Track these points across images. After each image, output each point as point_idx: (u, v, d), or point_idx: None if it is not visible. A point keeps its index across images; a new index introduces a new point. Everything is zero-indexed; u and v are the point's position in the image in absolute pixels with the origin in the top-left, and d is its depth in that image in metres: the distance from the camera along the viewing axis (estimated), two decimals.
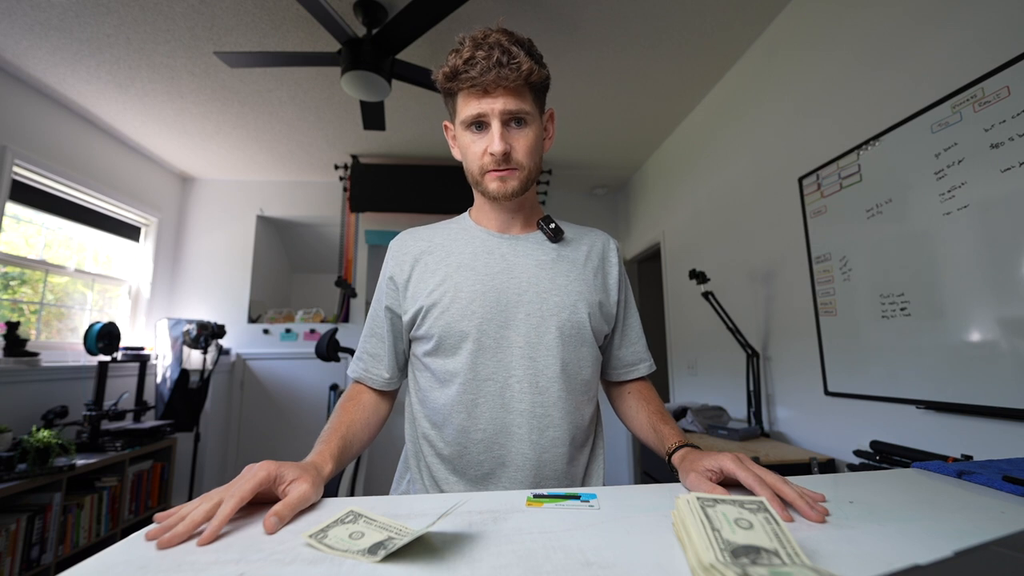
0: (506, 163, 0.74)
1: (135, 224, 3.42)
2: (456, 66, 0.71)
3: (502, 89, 0.71)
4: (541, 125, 0.78)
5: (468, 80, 0.70)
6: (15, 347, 2.33)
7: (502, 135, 0.72)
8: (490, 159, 0.74)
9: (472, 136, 0.75)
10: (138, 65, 2.37)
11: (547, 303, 0.77)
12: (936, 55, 1.39)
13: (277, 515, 0.49)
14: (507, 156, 0.73)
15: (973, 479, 0.60)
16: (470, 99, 0.73)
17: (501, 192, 0.76)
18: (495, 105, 0.71)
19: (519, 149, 0.74)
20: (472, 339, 0.75)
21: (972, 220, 1.26)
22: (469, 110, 0.73)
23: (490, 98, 0.71)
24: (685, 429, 2.15)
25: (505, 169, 0.74)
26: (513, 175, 0.75)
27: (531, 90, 0.74)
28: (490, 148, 0.73)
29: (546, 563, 0.40)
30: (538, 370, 0.75)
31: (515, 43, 0.72)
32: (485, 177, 0.76)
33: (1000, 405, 1.19)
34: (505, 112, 0.72)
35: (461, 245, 0.82)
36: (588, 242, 0.86)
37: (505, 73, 0.69)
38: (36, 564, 1.92)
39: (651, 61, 2.38)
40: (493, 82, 0.70)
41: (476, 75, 0.69)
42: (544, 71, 0.75)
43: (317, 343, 2.43)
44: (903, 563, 0.27)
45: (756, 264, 2.25)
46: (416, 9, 1.76)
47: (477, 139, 0.75)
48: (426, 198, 3.56)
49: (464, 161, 0.79)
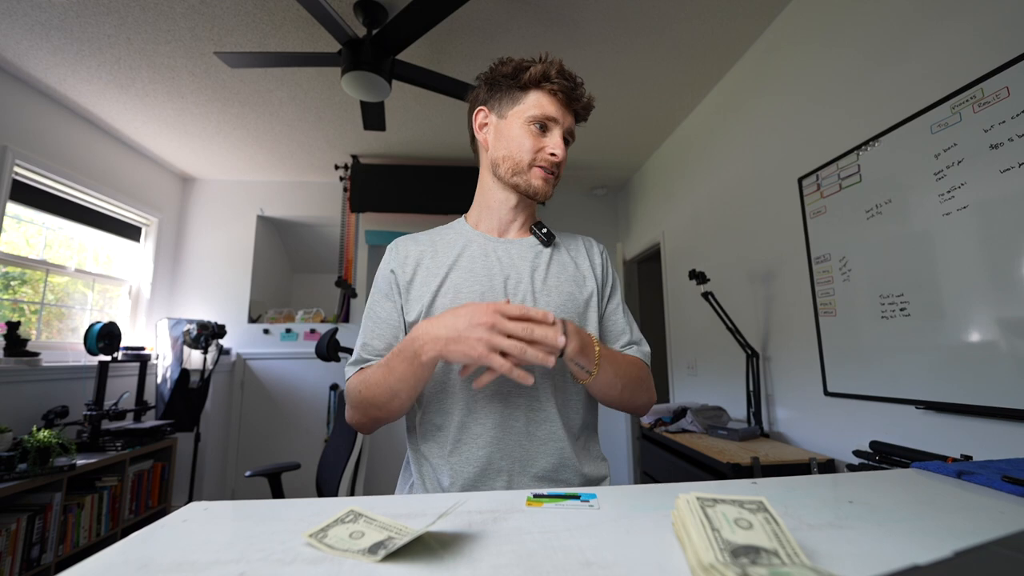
0: (556, 168, 0.82)
1: (136, 224, 3.42)
2: (548, 72, 0.79)
3: (572, 109, 0.82)
4: None
5: (558, 84, 0.79)
6: (16, 347, 2.33)
7: (562, 145, 0.81)
8: (547, 160, 0.81)
9: (532, 132, 0.81)
10: (139, 65, 2.37)
11: (540, 303, 0.80)
12: (936, 55, 1.39)
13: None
14: (559, 164, 0.82)
15: (972, 479, 0.60)
16: (549, 101, 0.80)
17: (543, 191, 0.83)
18: (567, 118, 0.81)
19: (564, 161, 0.83)
20: None
21: (972, 221, 1.26)
22: (544, 109, 0.80)
23: (565, 110, 0.81)
24: (685, 429, 2.15)
25: (552, 173, 0.82)
26: (552, 180, 0.83)
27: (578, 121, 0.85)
28: (552, 149, 0.80)
29: (546, 563, 0.40)
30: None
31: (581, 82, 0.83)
32: (532, 171, 0.81)
33: (1000, 405, 1.19)
34: (569, 128, 0.82)
35: (458, 248, 0.85)
36: (576, 246, 0.91)
37: (581, 93, 0.81)
38: (36, 564, 1.93)
39: (651, 61, 2.38)
40: (575, 98, 0.81)
41: (557, 86, 0.79)
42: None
43: (317, 343, 2.43)
44: (902, 563, 0.27)
45: (756, 264, 2.25)
46: (416, 9, 1.76)
47: (536, 137, 0.81)
48: (426, 198, 3.56)
49: (508, 149, 0.82)
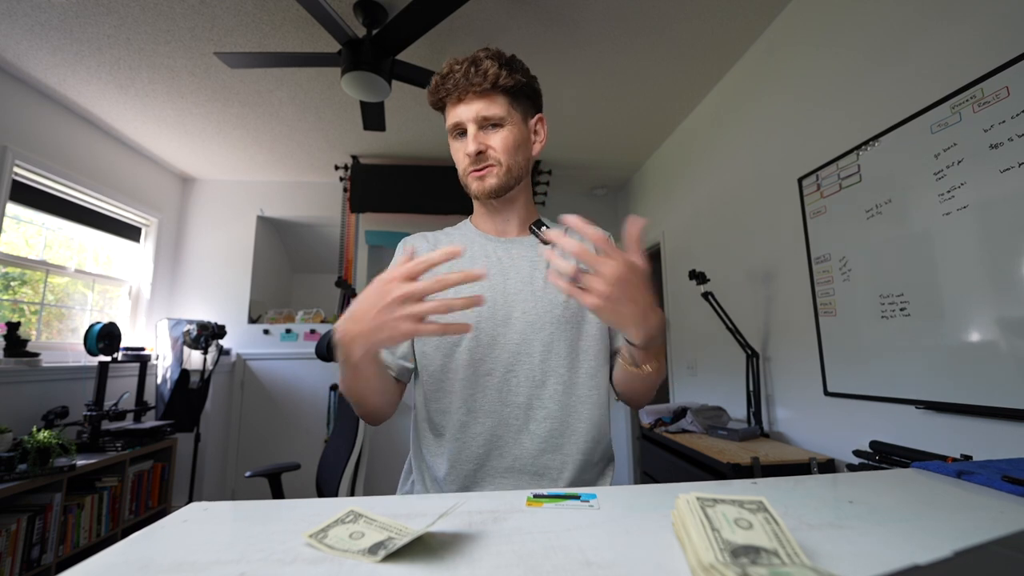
0: (483, 161, 0.79)
1: (135, 224, 3.42)
2: (436, 81, 0.79)
3: (473, 95, 0.77)
4: (523, 128, 0.82)
5: (444, 91, 0.78)
6: (16, 347, 2.33)
7: (476, 136, 0.78)
8: (468, 160, 0.79)
9: (456, 143, 0.81)
10: (139, 65, 2.37)
11: (541, 301, 0.80)
12: (935, 55, 1.39)
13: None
14: (482, 155, 0.78)
15: (972, 479, 0.60)
16: (450, 109, 0.80)
17: (480, 190, 0.80)
18: (468, 112, 0.77)
19: (495, 146, 0.79)
20: (470, 336, 0.78)
21: (971, 220, 1.26)
22: (449, 119, 0.80)
23: (464, 105, 0.78)
24: (685, 429, 2.15)
25: (483, 167, 0.79)
26: (491, 172, 0.79)
27: (505, 94, 0.78)
28: (465, 149, 0.78)
29: (546, 563, 0.40)
30: (534, 364, 0.78)
31: (490, 56, 0.77)
32: (468, 178, 0.81)
33: (1000, 405, 1.19)
34: (478, 117, 0.77)
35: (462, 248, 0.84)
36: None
37: (477, 80, 0.76)
38: (36, 564, 1.92)
39: (651, 61, 2.38)
40: (464, 89, 0.76)
41: (450, 86, 0.77)
42: (516, 76, 0.79)
43: (317, 343, 2.42)
44: (903, 563, 0.27)
45: (756, 264, 2.25)
46: (416, 10, 1.76)
47: (459, 145, 0.81)
48: (426, 198, 3.56)
49: (456, 167, 0.84)
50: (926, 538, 0.44)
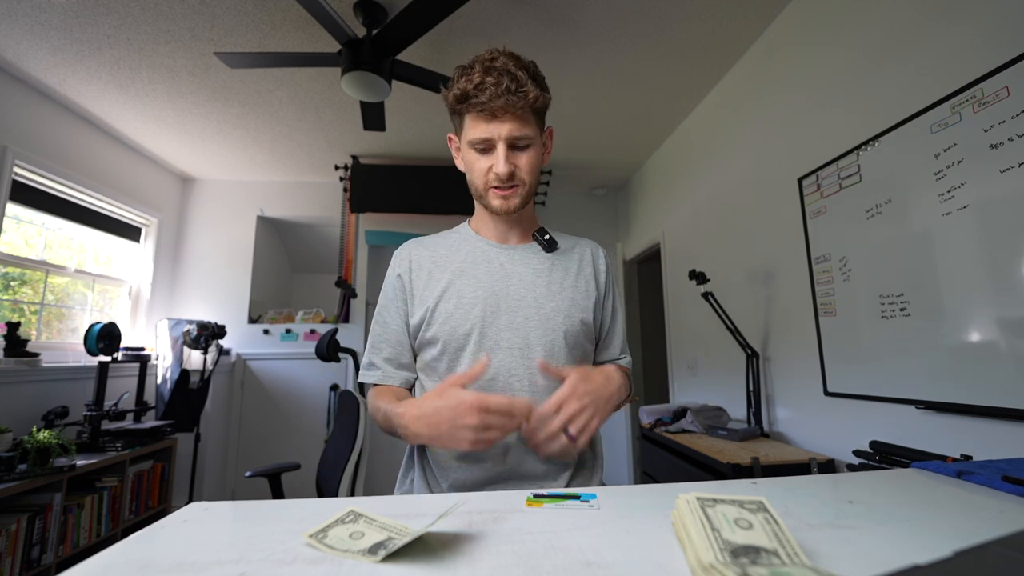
0: (510, 182, 0.78)
1: (135, 224, 3.42)
2: (466, 90, 0.74)
3: (509, 115, 0.75)
4: (542, 144, 0.82)
5: (478, 105, 0.74)
6: (16, 347, 2.33)
7: (507, 157, 0.76)
8: (494, 178, 0.78)
9: (477, 155, 0.79)
10: (138, 65, 2.37)
11: (544, 308, 0.81)
12: (935, 55, 1.39)
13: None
14: (511, 176, 0.77)
15: (972, 479, 0.60)
16: (478, 122, 0.76)
17: (504, 209, 0.80)
18: (501, 130, 0.75)
19: (522, 168, 0.78)
20: (475, 341, 0.78)
21: (971, 220, 1.26)
22: (477, 133, 0.76)
23: (497, 123, 0.75)
24: (685, 429, 2.15)
25: (509, 187, 0.79)
26: (515, 192, 0.80)
27: (534, 114, 0.78)
28: (496, 169, 0.77)
29: (546, 563, 0.40)
30: (536, 369, 0.79)
31: (522, 68, 0.75)
32: (489, 193, 0.80)
33: (1000, 405, 1.19)
34: (511, 138, 0.76)
35: (463, 254, 0.86)
36: (579, 252, 0.91)
37: (513, 100, 0.73)
38: (36, 564, 1.92)
39: (651, 61, 2.38)
40: (501, 108, 0.73)
41: (485, 100, 0.73)
42: (547, 96, 0.78)
43: (317, 343, 2.43)
44: (903, 563, 0.27)
45: (756, 264, 2.25)
46: (416, 10, 1.76)
47: (482, 158, 0.78)
48: (426, 198, 3.56)
49: (468, 175, 0.82)
50: (926, 538, 0.44)
